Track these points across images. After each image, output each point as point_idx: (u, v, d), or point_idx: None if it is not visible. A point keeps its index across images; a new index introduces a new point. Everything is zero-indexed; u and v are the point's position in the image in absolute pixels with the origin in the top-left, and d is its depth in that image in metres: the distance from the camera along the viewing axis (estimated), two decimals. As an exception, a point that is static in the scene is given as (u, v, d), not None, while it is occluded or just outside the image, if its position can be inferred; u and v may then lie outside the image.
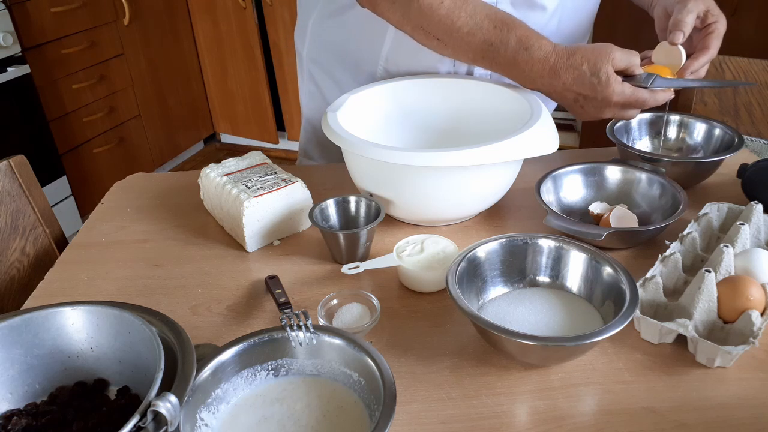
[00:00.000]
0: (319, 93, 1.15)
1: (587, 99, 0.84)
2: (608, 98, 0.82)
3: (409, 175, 0.81)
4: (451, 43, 0.87)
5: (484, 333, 0.64)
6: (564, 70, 0.82)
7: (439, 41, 0.88)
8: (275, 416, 0.59)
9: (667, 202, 0.86)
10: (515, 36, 0.84)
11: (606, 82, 0.81)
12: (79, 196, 2.45)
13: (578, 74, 0.82)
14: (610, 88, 0.81)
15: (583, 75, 0.81)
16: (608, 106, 0.84)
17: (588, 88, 0.82)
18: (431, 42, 0.89)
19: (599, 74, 0.81)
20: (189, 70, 3.11)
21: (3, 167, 0.97)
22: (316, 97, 1.16)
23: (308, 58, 1.14)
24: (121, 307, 0.60)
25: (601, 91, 0.82)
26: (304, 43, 1.14)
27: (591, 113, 0.86)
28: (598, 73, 0.81)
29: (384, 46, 1.02)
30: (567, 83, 0.83)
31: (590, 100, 0.84)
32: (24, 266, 0.98)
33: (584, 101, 0.84)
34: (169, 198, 1.01)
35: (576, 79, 0.82)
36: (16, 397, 0.59)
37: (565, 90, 0.84)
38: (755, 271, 0.71)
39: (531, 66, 0.84)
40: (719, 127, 1.01)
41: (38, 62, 2.25)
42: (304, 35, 1.13)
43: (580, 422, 0.59)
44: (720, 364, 0.64)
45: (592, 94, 0.83)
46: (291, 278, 0.80)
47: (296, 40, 1.17)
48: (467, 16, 0.84)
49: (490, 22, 0.84)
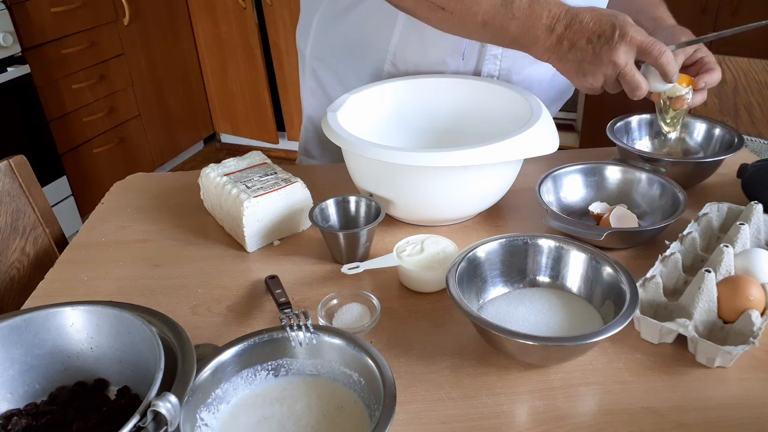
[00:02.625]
0: (322, 90, 1.14)
1: (602, 39, 0.79)
2: (626, 32, 0.78)
3: (409, 175, 0.81)
4: (457, 9, 0.83)
5: (484, 333, 0.64)
6: (583, 11, 0.80)
7: (444, 11, 0.84)
8: (275, 416, 0.59)
9: (667, 202, 0.86)
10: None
11: (624, 20, 0.78)
12: (79, 196, 2.45)
13: (597, 13, 0.79)
14: (629, 24, 0.78)
15: (601, 14, 0.79)
16: (625, 43, 0.78)
17: (606, 25, 0.78)
18: (436, 14, 0.85)
19: (617, 15, 0.79)
20: (189, 70, 3.11)
21: (3, 167, 0.97)
22: (318, 95, 1.15)
23: (311, 55, 1.14)
24: (121, 307, 0.60)
25: (621, 26, 0.78)
26: (308, 40, 1.13)
27: (604, 58, 0.80)
28: (616, 14, 0.79)
29: (392, 42, 1.01)
30: (584, 21, 0.79)
31: (606, 41, 0.79)
32: (24, 266, 0.98)
33: (598, 42, 0.79)
34: (169, 198, 1.01)
35: (594, 17, 0.79)
36: (16, 397, 0.59)
37: (581, 30, 0.80)
38: (755, 271, 0.71)
39: (549, 11, 0.80)
40: (719, 127, 1.01)
41: (38, 62, 2.25)
42: (308, 33, 1.12)
43: (580, 422, 0.59)
44: (720, 364, 0.64)
45: (609, 31, 0.78)
46: (291, 278, 0.80)
47: (298, 38, 1.17)
48: None
49: None
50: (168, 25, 2.92)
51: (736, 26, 0.83)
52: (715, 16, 2.21)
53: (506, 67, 1.01)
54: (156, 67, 2.87)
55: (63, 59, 2.36)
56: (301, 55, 1.18)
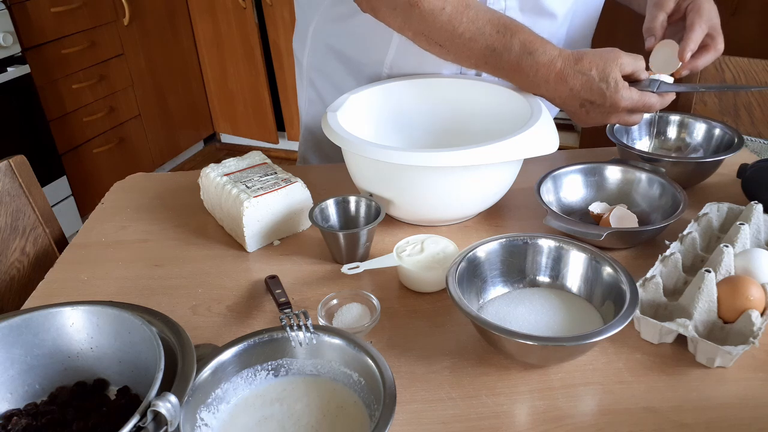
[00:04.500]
0: (320, 99, 1.13)
1: (594, 105, 0.82)
2: (617, 104, 0.81)
3: (409, 175, 0.81)
4: (453, 49, 0.86)
5: (484, 333, 0.64)
6: (572, 76, 0.81)
7: (441, 47, 0.87)
8: (275, 416, 0.59)
9: (667, 202, 0.86)
10: (519, 40, 0.82)
11: (615, 88, 0.80)
12: (79, 196, 2.45)
13: (586, 80, 0.80)
14: (619, 93, 0.80)
15: (591, 81, 0.80)
16: (615, 111, 0.82)
17: (596, 94, 0.81)
18: (433, 48, 0.89)
19: (608, 80, 0.79)
20: (189, 70, 3.11)
21: (3, 167, 0.97)
22: (316, 104, 1.14)
23: (308, 64, 1.13)
24: (121, 307, 0.60)
25: (611, 96, 0.80)
26: (305, 49, 1.12)
27: (596, 119, 0.85)
28: (606, 79, 0.79)
29: (389, 52, 1.01)
30: (575, 89, 0.81)
31: (597, 107, 0.82)
32: (24, 266, 0.98)
33: (590, 107, 0.83)
34: (169, 198, 1.01)
35: (584, 85, 0.80)
36: (16, 397, 0.59)
37: (571, 96, 0.83)
38: (755, 271, 0.71)
39: (536, 71, 0.83)
40: (719, 127, 1.01)
41: (38, 62, 2.25)
42: (305, 41, 1.11)
43: (580, 422, 0.59)
44: (720, 364, 0.64)
45: (600, 101, 0.81)
46: (291, 278, 0.80)
47: (295, 46, 1.16)
48: (469, 21, 0.83)
49: (492, 27, 0.83)
50: (168, 25, 2.92)
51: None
52: (715, 16, 2.20)
53: None
54: (156, 67, 2.87)
55: (63, 59, 2.36)
56: (298, 64, 1.17)
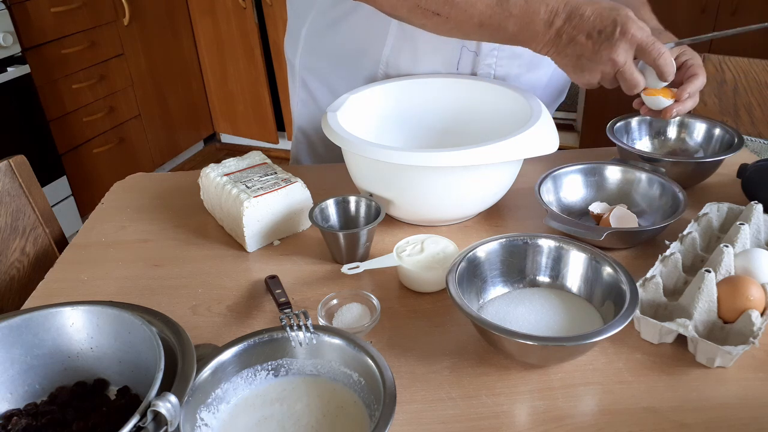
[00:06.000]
0: (313, 101, 1.12)
1: (602, 35, 0.78)
2: (627, 30, 0.76)
3: (409, 175, 0.81)
4: (452, 13, 0.82)
5: (484, 333, 0.64)
6: (584, 3, 0.78)
7: (439, 16, 0.83)
8: (275, 416, 0.59)
9: (667, 202, 0.86)
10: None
11: (626, 16, 0.77)
12: (79, 196, 2.45)
13: (598, 7, 0.77)
14: (631, 19, 0.77)
15: (603, 8, 0.77)
16: (624, 40, 0.77)
17: (607, 20, 0.77)
18: (430, 20, 0.84)
19: (619, 9, 0.77)
20: (189, 70, 3.11)
21: (3, 167, 0.97)
22: (308, 105, 1.14)
23: (301, 66, 1.11)
24: (121, 307, 0.60)
25: (622, 23, 0.76)
26: (297, 51, 1.11)
27: (603, 54, 0.79)
28: (618, 9, 0.77)
29: (384, 52, 1.00)
30: (585, 15, 0.77)
31: (606, 38, 0.78)
32: (24, 266, 0.98)
33: (598, 38, 0.78)
34: (169, 198, 1.01)
35: (595, 11, 0.77)
36: (16, 397, 0.59)
37: (581, 25, 0.78)
38: (755, 271, 0.71)
39: (546, 4, 0.79)
40: (719, 127, 1.01)
41: (38, 62, 2.25)
42: (297, 43, 1.10)
43: (580, 422, 0.59)
44: (720, 364, 0.64)
45: (610, 27, 0.77)
46: (291, 278, 0.80)
47: (287, 48, 1.14)
48: None
49: None
50: (168, 25, 2.92)
51: (736, 26, 0.83)
52: (715, 16, 2.21)
53: (501, 75, 1.01)
54: (156, 67, 2.87)
55: (63, 59, 2.36)
56: (290, 65, 1.15)
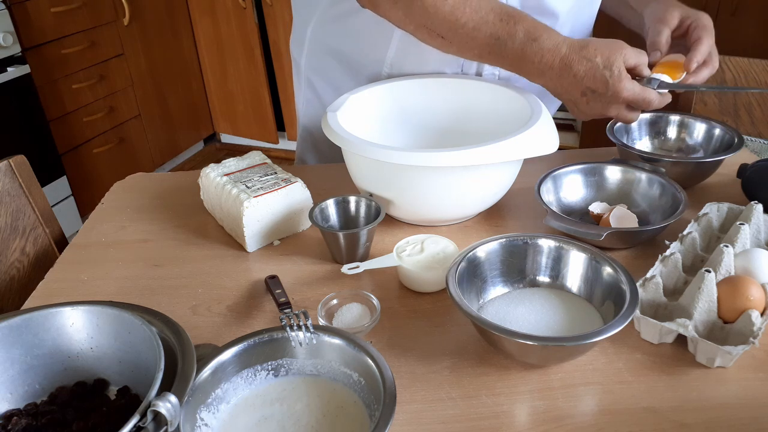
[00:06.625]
0: (318, 100, 1.13)
1: (595, 94, 0.82)
2: (618, 93, 0.80)
3: (409, 175, 0.81)
4: (455, 40, 0.86)
5: (484, 333, 0.64)
6: (576, 62, 0.80)
7: (443, 39, 0.86)
8: (275, 416, 0.59)
9: (667, 202, 0.86)
10: (523, 28, 0.82)
11: (618, 77, 0.79)
12: (79, 196, 2.45)
13: (591, 66, 0.80)
14: (622, 83, 0.80)
15: (595, 68, 0.80)
16: (616, 102, 0.82)
17: (599, 82, 0.80)
18: (435, 40, 0.88)
19: (612, 68, 0.79)
20: (189, 70, 3.11)
21: (3, 167, 0.97)
22: (313, 104, 1.14)
23: (306, 65, 1.12)
24: (121, 307, 0.60)
25: (613, 85, 0.80)
26: (302, 50, 1.12)
27: (596, 110, 0.84)
28: (611, 67, 0.79)
29: (389, 51, 1.00)
30: (578, 75, 0.81)
31: (599, 96, 0.82)
32: (24, 266, 0.98)
33: (591, 96, 0.83)
34: (169, 198, 1.01)
35: (588, 72, 0.80)
36: (16, 397, 0.59)
37: (574, 83, 0.82)
38: (755, 271, 0.71)
39: (541, 57, 0.82)
40: (719, 127, 1.01)
41: (38, 62, 2.25)
42: (302, 42, 1.11)
43: (580, 422, 0.59)
44: (720, 364, 0.64)
45: (602, 89, 0.81)
46: (291, 278, 0.80)
47: (292, 48, 1.15)
48: (472, 11, 0.83)
49: (495, 16, 0.83)
50: (168, 25, 2.92)
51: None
52: (715, 16, 2.20)
53: (505, 77, 1.02)
54: (156, 67, 2.87)
55: (63, 59, 2.36)
56: (295, 64, 1.16)
